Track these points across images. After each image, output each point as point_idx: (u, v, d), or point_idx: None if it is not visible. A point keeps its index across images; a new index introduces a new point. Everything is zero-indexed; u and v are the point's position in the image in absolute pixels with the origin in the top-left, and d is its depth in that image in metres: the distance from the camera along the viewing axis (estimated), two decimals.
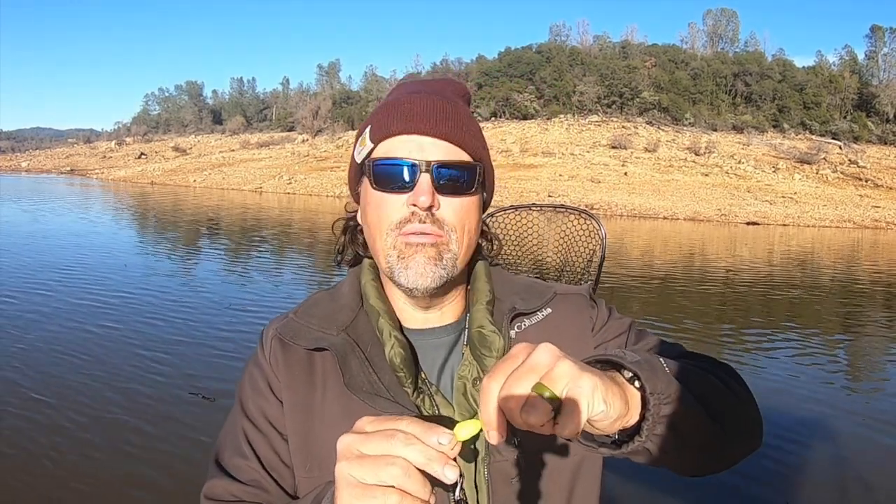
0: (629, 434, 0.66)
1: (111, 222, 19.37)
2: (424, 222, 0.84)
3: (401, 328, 0.92)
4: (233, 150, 59.08)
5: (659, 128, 52.04)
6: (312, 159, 46.00)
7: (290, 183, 36.84)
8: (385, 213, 0.86)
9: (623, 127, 50.79)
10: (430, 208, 0.84)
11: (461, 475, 0.82)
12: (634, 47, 68.32)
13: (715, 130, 50.89)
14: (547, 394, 0.56)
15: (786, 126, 53.40)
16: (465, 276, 0.95)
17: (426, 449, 0.56)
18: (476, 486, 0.86)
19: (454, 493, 0.79)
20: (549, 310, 0.96)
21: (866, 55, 62.24)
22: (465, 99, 0.96)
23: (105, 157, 68.57)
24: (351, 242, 0.99)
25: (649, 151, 41.52)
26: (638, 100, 57.77)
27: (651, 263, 13.81)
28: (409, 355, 0.88)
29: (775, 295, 10.68)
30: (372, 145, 0.87)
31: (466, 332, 0.93)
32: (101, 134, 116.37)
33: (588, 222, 2.07)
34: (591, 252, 2.03)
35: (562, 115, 57.14)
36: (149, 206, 26.12)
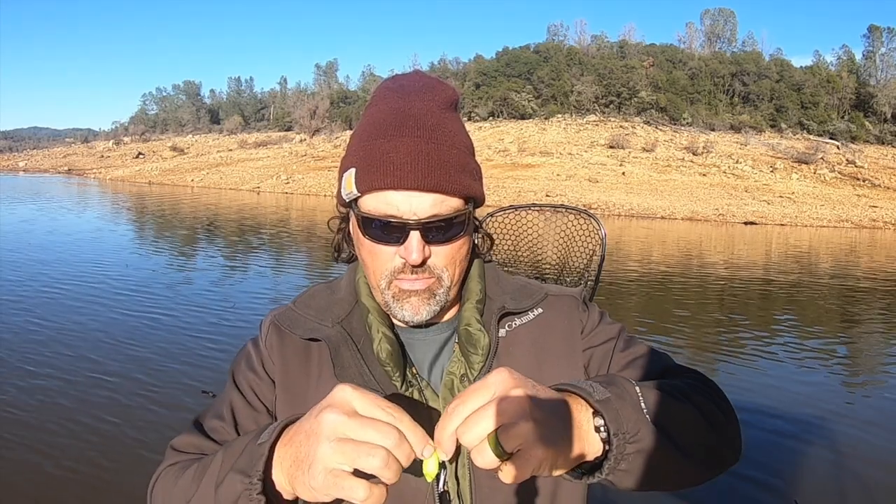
0: (592, 465, 0.70)
1: (124, 220, 19.80)
2: (416, 272, 0.87)
3: (391, 325, 0.94)
4: (230, 150, 58.99)
5: (657, 127, 52.08)
6: (310, 159, 45.95)
7: (288, 182, 36.79)
8: (378, 261, 0.88)
9: (621, 127, 50.82)
10: (421, 263, 0.86)
11: (444, 466, 0.85)
12: (632, 47, 68.32)
13: (713, 130, 50.90)
14: (496, 449, 0.61)
15: (783, 126, 53.43)
16: (459, 282, 0.96)
17: (410, 452, 0.61)
18: (458, 478, 0.88)
19: (438, 484, 0.84)
20: (540, 310, 0.98)
21: (864, 55, 62.27)
22: (453, 105, 0.91)
23: (103, 156, 68.39)
24: (346, 241, 1.00)
25: (647, 151, 41.54)
26: (636, 99, 57.77)
27: (649, 263, 13.82)
28: (396, 350, 0.90)
29: (773, 294, 10.69)
30: (358, 193, 0.86)
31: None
32: (98, 134, 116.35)
33: (588, 222, 2.06)
34: (591, 252, 2.03)
35: (559, 115, 57.15)
36: (154, 205, 26.06)
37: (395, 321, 0.95)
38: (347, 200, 0.90)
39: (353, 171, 0.87)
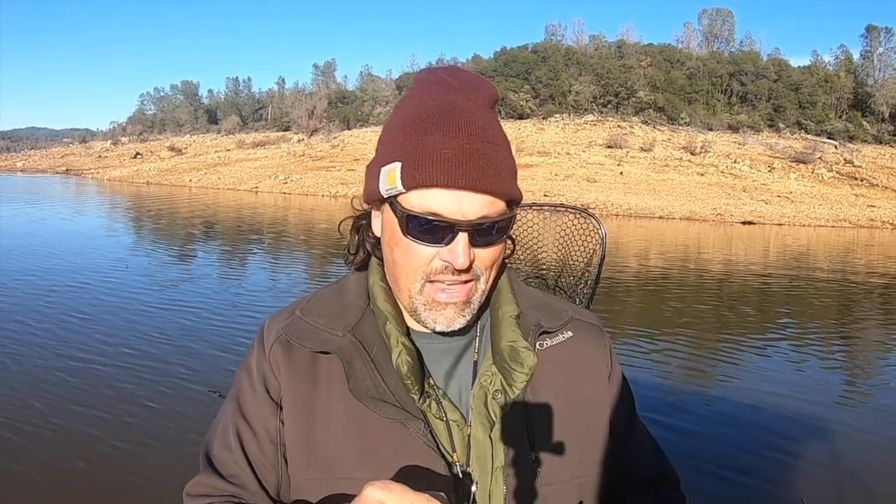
0: None
1: (128, 220, 20.04)
2: (457, 274, 0.83)
3: (408, 332, 0.90)
4: (228, 150, 58.89)
5: (655, 127, 52.09)
6: (308, 159, 45.92)
7: (286, 182, 36.78)
8: (415, 260, 0.83)
9: (619, 126, 50.83)
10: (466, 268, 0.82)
11: (476, 484, 0.84)
12: (630, 47, 68.28)
13: (710, 130, 50.91)
14: None
15: (781, 125, 53.46)
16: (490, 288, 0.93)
17: None
18: (490, 492, 0.86)
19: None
20: (570, 333, 0.96)
21: (862, 55, 62.26)
22: (495, 103, 0.88)
23: (101, 156, 68.29)
24: (361, 243, 0.95)
25: (645, 151, 41.57)
26: (634, 99, 57.76)
27: (647, 262, 13.83)
28: (416, 362, 0.86)
29: (771, 293, 10.71)
30: (403, 189, 0.81)
31: (478, 342, 0.93)
32: (96, 134, 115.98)
33: (587, 221, 2.05)
34: (591, 252, 2.02)
35: (558, 115, 57.15)
36: (154, 205, 26.04)
37: (412, 327, 0.91)
38: (386, 196, 0.84)
39: (397, 165, 0.81)
